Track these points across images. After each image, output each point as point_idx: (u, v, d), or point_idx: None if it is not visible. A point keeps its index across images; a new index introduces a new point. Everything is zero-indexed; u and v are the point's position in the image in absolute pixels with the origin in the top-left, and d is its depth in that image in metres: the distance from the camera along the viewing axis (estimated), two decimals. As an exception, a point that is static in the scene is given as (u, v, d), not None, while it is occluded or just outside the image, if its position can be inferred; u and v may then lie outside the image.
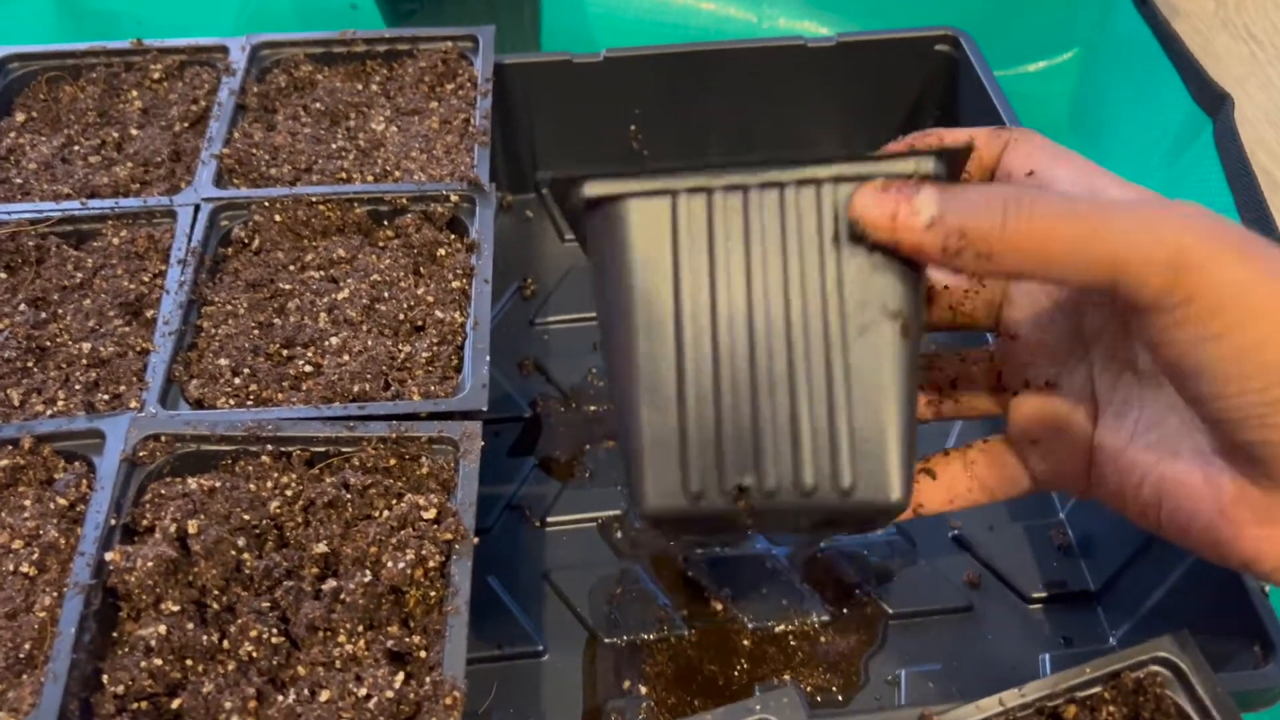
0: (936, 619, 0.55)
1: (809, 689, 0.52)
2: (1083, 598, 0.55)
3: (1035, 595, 0.55)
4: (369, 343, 0.52)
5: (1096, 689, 0.40)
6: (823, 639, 0.54)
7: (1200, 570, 0.49)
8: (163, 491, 0.46)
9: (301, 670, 0.42)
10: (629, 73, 0.71)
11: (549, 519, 0.59)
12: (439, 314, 0.53)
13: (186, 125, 0.64)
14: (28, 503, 0.46)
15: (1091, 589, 0.55)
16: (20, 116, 0.64)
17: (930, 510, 0.45)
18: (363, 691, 0.40)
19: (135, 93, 0.66)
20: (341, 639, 0.42)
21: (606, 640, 0.54)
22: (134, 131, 0.63)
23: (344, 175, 0.60)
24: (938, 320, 0.47)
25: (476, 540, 0.44)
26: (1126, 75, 0.72)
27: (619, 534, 0.58)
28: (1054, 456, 0.43)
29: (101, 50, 0.67)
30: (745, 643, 0.53)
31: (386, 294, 0.54)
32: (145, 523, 0.45)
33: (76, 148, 0.63)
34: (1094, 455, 0.41)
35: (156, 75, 0.66)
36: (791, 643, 0.53)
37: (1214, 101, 0.61)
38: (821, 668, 0.53)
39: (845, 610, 0.55)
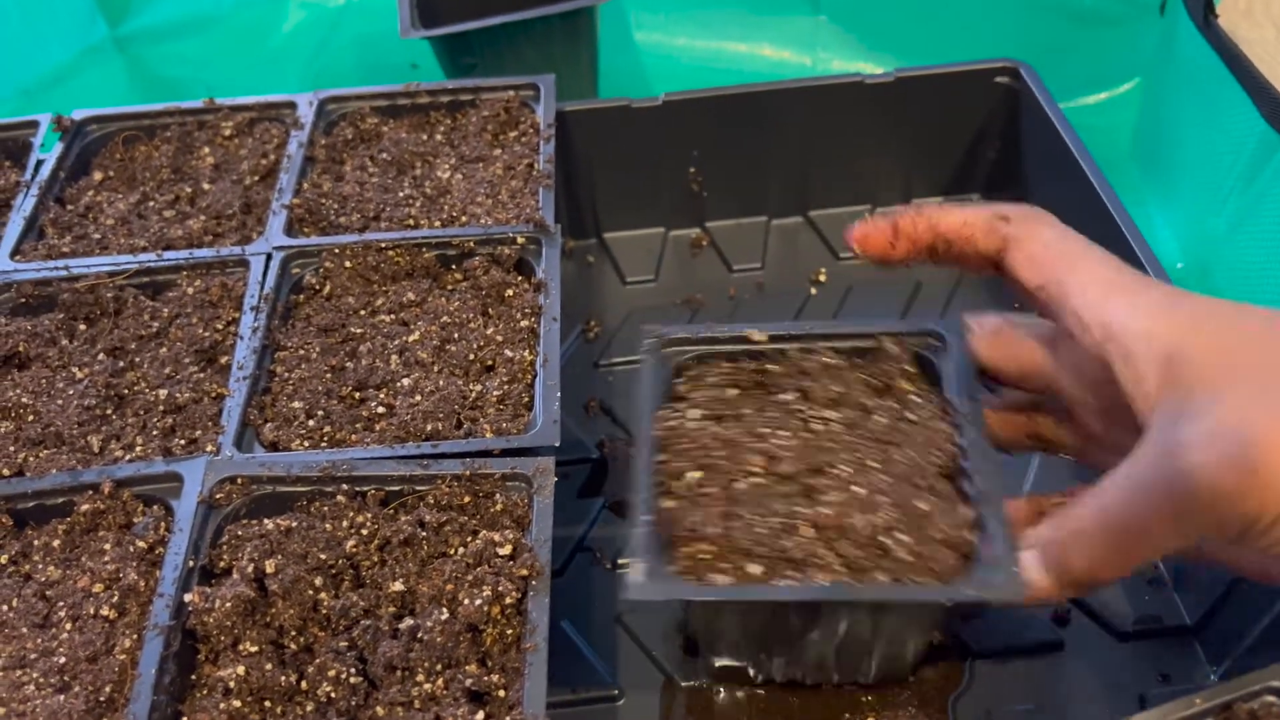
0: (1025, 657, 0.53)
1: (896, 731, 0.50)
2: (1179, 633, 0.53)
3: (1128, 631, 0.53)
4: (440, 383, 0.52)
5: (1208, 721, 0.38)
6: (909, 678, 0.52)
7: (1305, 599, 0.47)
8: (239, 533, 0.46)
9: (380, 710, 0.41)
10: (688, 115, 0.71)
11: (620, 561, 0.58)
12: (509, 353, 0.53)
13: (257, 178, 0.65)
14: (108, 546, 0.46)
15: (1188, 623, 0.53)
16: (98, 175, 0.66)
17: None
18: (443, 731, 0.39)
19: (207, 149, 0.68)
20: (420, 678, 0.42)
21: (684, 683, 0.53)
22: (206, 186, 0.65)
23: (412, 222, 0.61)
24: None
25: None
26: (1191, 102, 0.71)
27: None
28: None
29: (175, 110, 0.69)
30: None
31: (456, 335, 0.55)
32: (223, 564, 0.45)
33: (151, 203, 0.64)
34: None
35: (228, 132, 0.68)
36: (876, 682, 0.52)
37: (1287, 120, 0.60)
38: (909, 708, 0.51)
39: (930, 648, 0.53)
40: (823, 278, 0.73)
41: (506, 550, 0.44)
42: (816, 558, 0.44)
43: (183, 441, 0.51)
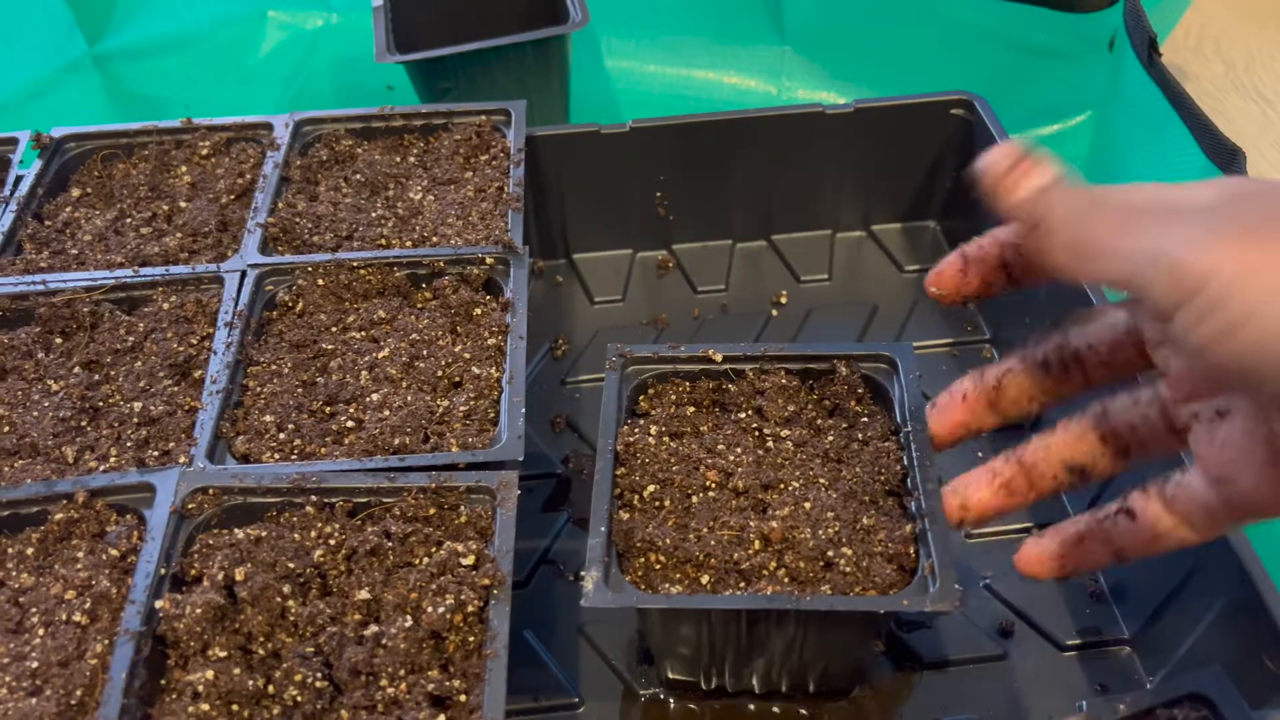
0: (970, 668, 0.55)
1: (845, 738, 0.52)
2: (1118, 644, 0.55)
3: (1069, 643, 0.55)
4: (409, 398, 0.54)
5: (1132, 726, 0.40)
6: (857, 687, 0.54)
7: (1235, 611, 0.49)
8: (210, 542, 0.47)
9: (345, 714, 0.43)
10: (654, 142, 0.74)
11: (582, 573, 0.59)
12: (476, 370, 0.55)
13: (233, 197, 0.67)
14: (81, 554, 0.47)
15: (1125, 635, 0.55)
16: (76, 192, 0.68)
17: (1134, 553, 0.42)
18: (405, 733, 0.41)
19: (184, 168, 0.69)
20: (383, 683, 0.43)
21: (642, 693, 0.54)
22: (183, 204, 0.66)
23: (384, 241, 0.63)
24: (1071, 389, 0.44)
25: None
26: (1140, 136, 0.74)
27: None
28: (1247, 476, 0.38)
29: (153, 129, 0.70)
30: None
31: (425, 352, 0.56)
32: (194, 572, 0.46)
33: (129, 220, 0.66)
34: None
35: (205, 151, 0.70)
36: (824, 693, 0.54)
37: (1226, 157, 0.63)
38: (858, 717, 0.53)
39: (878, 659, 0.55)
40: (784, 300, 0.75)
41: (470, 560, 0.46)
42: (764, 570, 0.46)
43: (156, 453, 0.52)
